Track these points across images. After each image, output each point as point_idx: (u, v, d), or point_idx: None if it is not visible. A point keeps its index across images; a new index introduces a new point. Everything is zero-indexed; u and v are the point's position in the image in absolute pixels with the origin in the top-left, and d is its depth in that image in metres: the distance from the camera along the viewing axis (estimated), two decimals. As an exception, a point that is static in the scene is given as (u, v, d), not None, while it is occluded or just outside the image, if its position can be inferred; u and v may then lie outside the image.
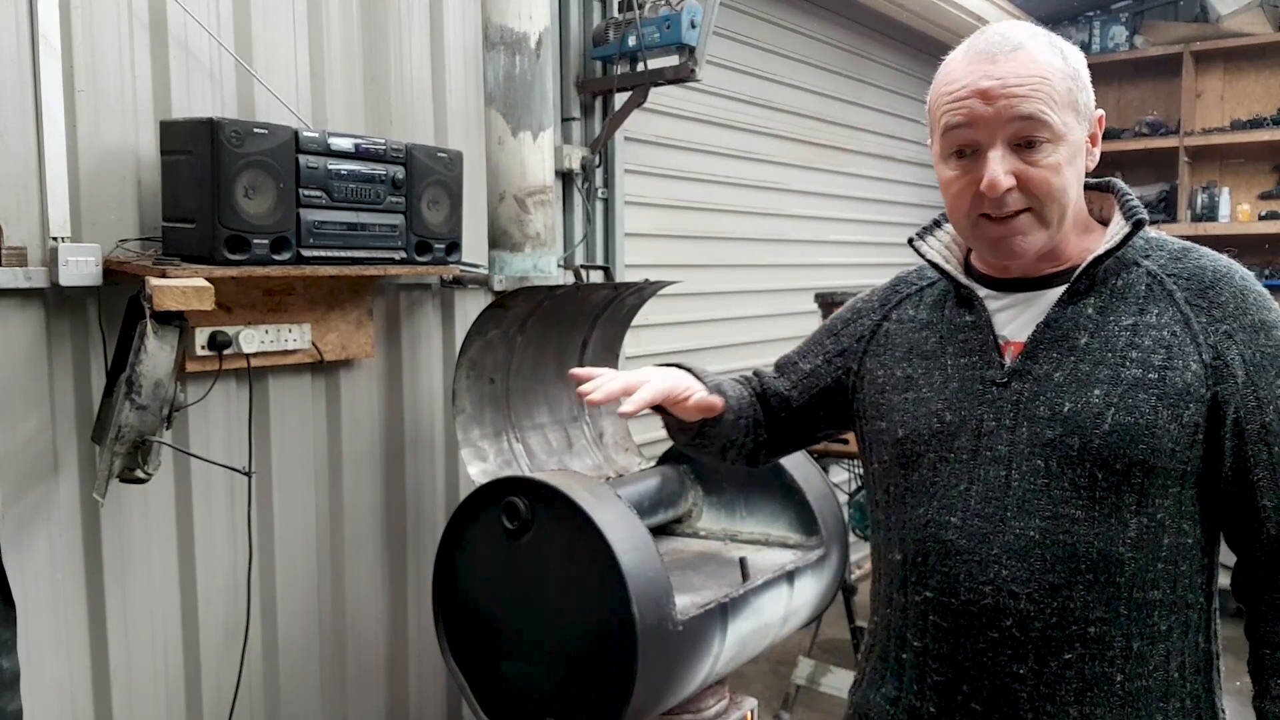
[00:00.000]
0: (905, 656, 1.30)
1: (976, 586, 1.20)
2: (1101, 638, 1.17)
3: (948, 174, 1.23)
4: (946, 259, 1.35)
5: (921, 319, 1.37)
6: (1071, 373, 1.19)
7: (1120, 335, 1.19)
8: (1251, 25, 6.30)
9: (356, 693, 2.78)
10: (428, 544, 2.89)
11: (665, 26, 3.15)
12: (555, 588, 2.20)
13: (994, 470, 1.21)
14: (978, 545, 1.20)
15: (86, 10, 2.12)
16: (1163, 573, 1.17)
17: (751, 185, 4.49)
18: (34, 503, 2.11)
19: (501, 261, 2.72)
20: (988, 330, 1.27)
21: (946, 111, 1.21)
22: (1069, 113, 1.19)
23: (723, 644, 2.32)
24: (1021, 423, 1.20)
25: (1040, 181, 1.17)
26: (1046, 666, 1.18)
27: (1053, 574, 1.17)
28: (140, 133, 2.22)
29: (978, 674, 1.21)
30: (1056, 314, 1.23)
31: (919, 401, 1.30)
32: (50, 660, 2.14)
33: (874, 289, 1.50)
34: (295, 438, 2.59)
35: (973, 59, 1.20)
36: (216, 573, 2.43)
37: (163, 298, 1.88)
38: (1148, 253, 1.24)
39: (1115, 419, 1.15)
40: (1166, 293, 1.20)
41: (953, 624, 1.22)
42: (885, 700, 1.33)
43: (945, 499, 1.24)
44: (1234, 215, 6.55)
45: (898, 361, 1.36)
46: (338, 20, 2.62)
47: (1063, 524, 1.17)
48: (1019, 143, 1.17)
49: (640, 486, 2.72)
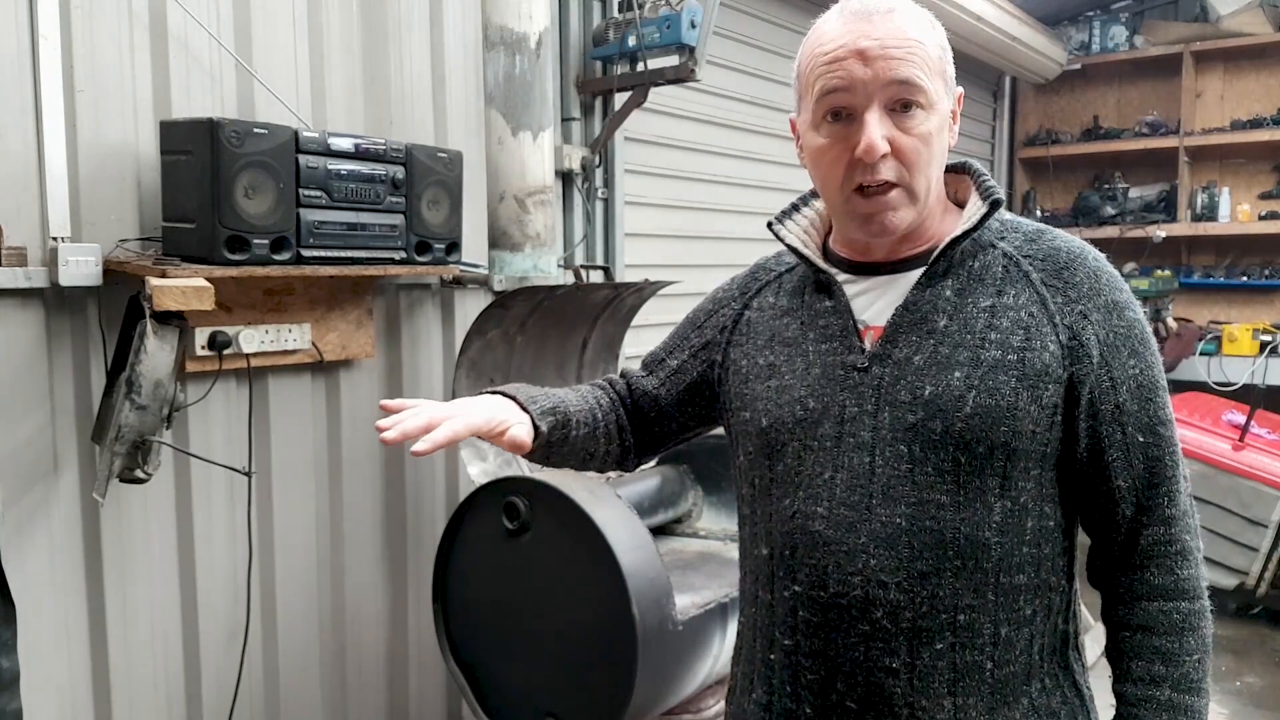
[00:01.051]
0: (774, 657, 1.25)
1: (845, 578, 1.17)
2: (971, 625, 1.15)
3: (819, 142, 1.19)
4: (805, 243, 1.32)
5: (782, 305, 1.34)
6: (931, 355, 1.17)
7: (979, 317, 1.17)
8: (1251, 25, 6.30)
9: (356, 693, 2.78)
10: (428, 544, 2.89)
11: (665, 26, 3.15)
12: (555, 588, 2.20)
13: (858, 457, 1.18)
14: (845, 535, 1.17)
15: (86, 10, 2.12)
16: (1027, 556, 1.17)
17: (752, 185, 4.49)
18: (34, 503, 2.11)
19: (501, 261, 2.72)
20: (847, 315, 1.25)
21: (822, 74, 1.17)
22: (939, 81, 1.18)
23: (722, 644, 2.32)
24: (883, 407, 1.18)
25: (912, 150, 1.15)
26: (919, 658, 1.15)
27: (920, 561, 1.14)
28: (140, 133, 2.22)
29: (850, 670, 1.18)
30: (915, 296, 1.21)
31: (781, 389, 1.26)
32: (50, 660, 2.14)
33: (734, 277, 1.45)
34: (295, 438, 2.59)
35: (848, 19, 1.18)
36: (216, 573, 2.43)
37: (163, 298, 1.88)
38: (1003, 234, 1.23)
39: (976, 401, 1.14)
40: (1023, 274, 1.19)
41: (823, 618, 1.19)
42: (758, 706, 1.28)
43: (811, 488, 1.21)
44: (1234, 215, 6.55)
45: (759, 350, 1.32)
46: (338, 20, 2.62)
47: (929, 510, 1.15)
48: (893, 107, 1.15)
49: (640, 486, 2.72)
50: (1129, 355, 1.17)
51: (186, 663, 2.39)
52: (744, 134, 4.41)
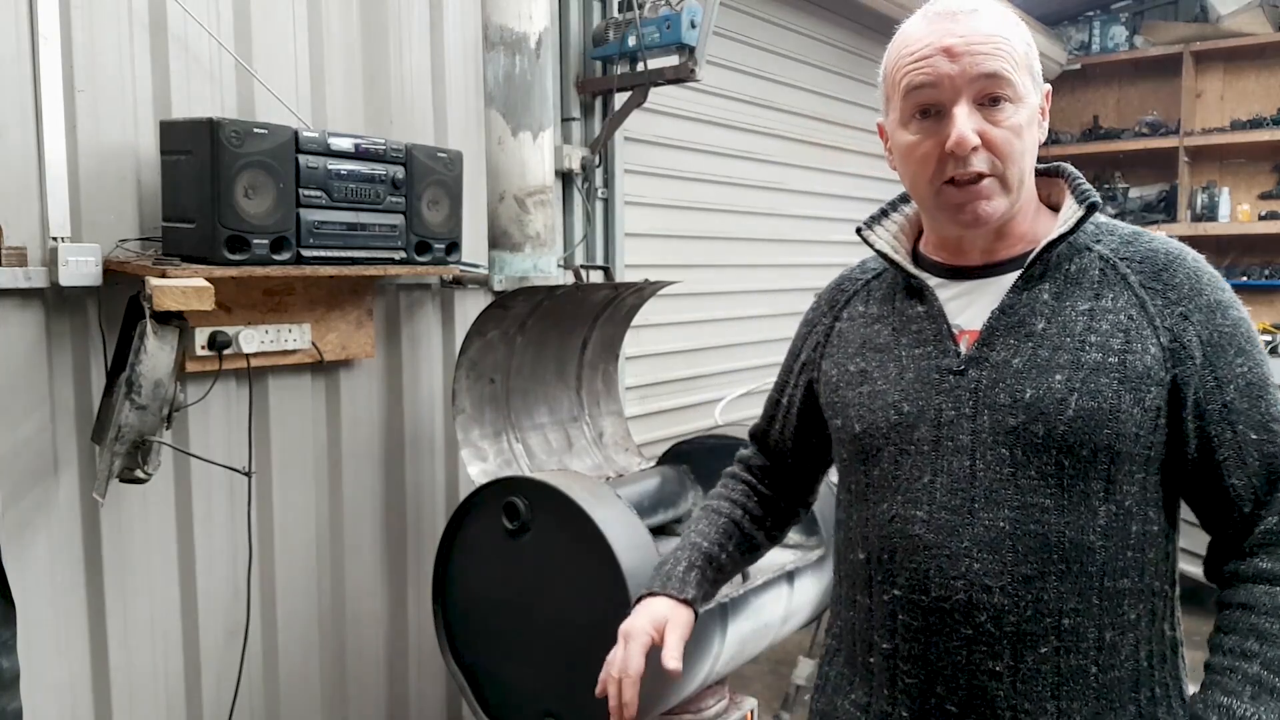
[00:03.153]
0: (873, 660, 1.26)
1: (948, 582, 1.16)
2: (1075, 629, 1.15)
3: (909, 139, 1.21)
4: (895, 249, 1.32)
5: (872, 313, 1.34)
6: (1030, 358, 1.17)
7: (1078, 320, 1.17)
8: (1251, 25, 6.30)
9: (356, 693, 2.78)
10: (428, 544, 2.89)
11: (665, 26, 3.15)
12: (555, 588, 2.20)
13: (957, 460, 1.18)
14: (947, 539, 1.17)
15: (86, 10, 2.12)
16: (1132, 561, 1.16)
17: (751, 185, 4.49)
18: (34, 503, 2.11)
19: (501, 261, 2.72)
20: (941, 319, 1.24)
21: (909, 72, 1.19)
22: (1027, 75, 1.19)
23: (723, 644, 2.32)
24: (982, 411, 1.18)
25: (1004, 141, 1.16)
26: (1023, 662, 1.15)
27: (1025, 565, 1.14)
28: (140, 133, 2.22)
29: (952, 674, 1.18)
30: (1011, 300, 1.21)
31: (874, 395, 1.26)
32: (50, 660, 2.14)
33: (819, 295, 1.47)
34: (295, 438, 2.59)
35: (933, 19, 1.19)
36: (216, 573, 2.43)
37: (163, 298, 1.88)
38: (1098, 238, 1.23)
39: (1079, 404, 1.13)
40: (1120, 276, 1.19)
41: (924, 622, 1.19)
42: (855, 706, 1.29)
43: (909, 492, 1.21)
44: (1234, 215, 6.55)
45: (850, 357, 1.33)
46: (338, 20, 2.62)
47: (1032, 514, 1.14)
48: (982, 101, 1.16)
49: (640, 486, 2.72)
50: (1235, 354, 1.16)
51: (186, 663, 2.39)
52: (744, 134, 4.41)
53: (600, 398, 3.04)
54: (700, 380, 4.25)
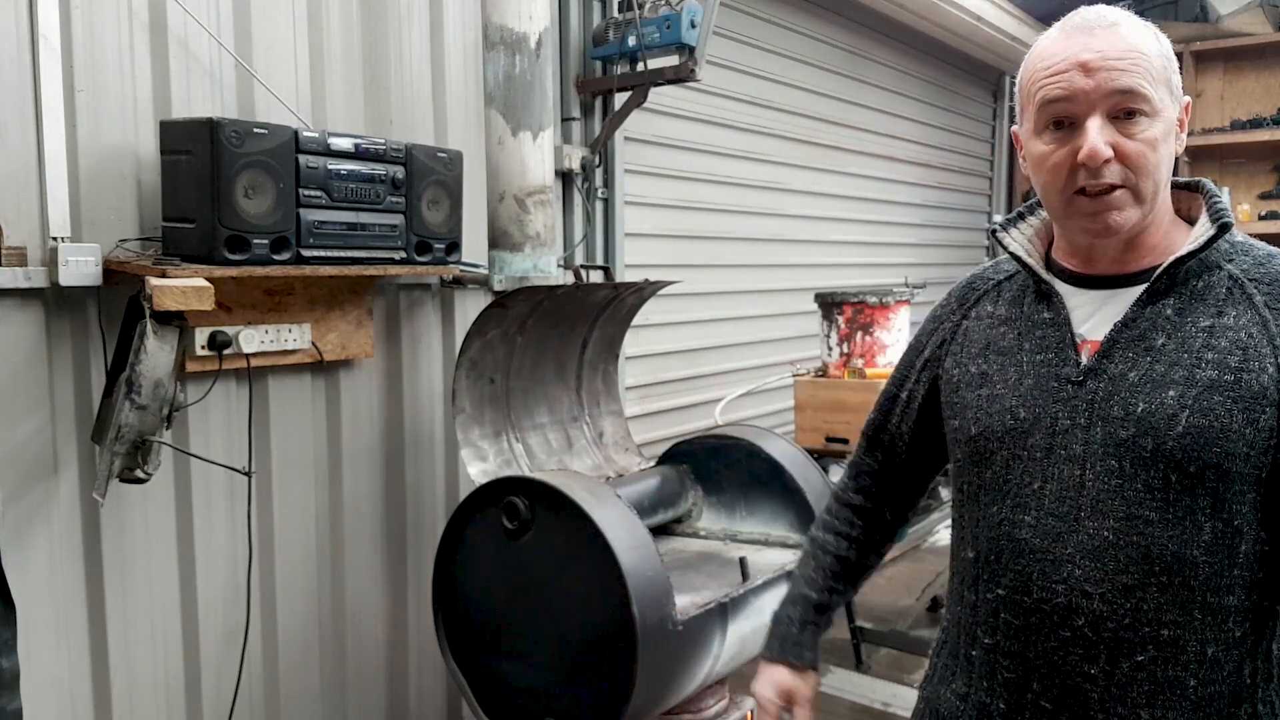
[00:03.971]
0: (975, 654, 1.30)
1: (1049, 585, 1.20)
2: (1175, 641, 1.16)
3: (1042, 148, 1.22)
4: (1029, 252, 1.34)
5: (1000, 315, 1.36)
6: (1146, 373, 1.18)
7: (1197, 336, 1.18)
8: (1251, 25, 6.30)
9: (356, 693, 2.78)
10: (428, 544, 2.89)
11: (665, 26, 3.15)
12: (555, 588, 2.20)
13: (1068, 469, 1.21)
14: (1051, 544, 1.21)
15: (86, 10, 2.12)
16: (1239, 578, 1.16)
17: (751, 185, 4.49)
18: (34, 503, 2.11)
19: (501, 261, 2.72)
20: (1065, 327, 1.26)
21: (1044, 85, 1.20)
22: (1164, 89, 1.19)
23: (723, 644, 2.32)
24: (1096, 422, 1.20)
25: (1137, 155, 1.17)
26: (1118, 668, 1.18)
27: (1126, 575, 1.16)
28: (140, 133, 2.22)
29: (1048, 672, 1.22)
30: (1135, 313, 1.22)
31: (992, 398, 1.29)
32: (50, 660, 2.14)
33: (950, 292, 1.48)
34: (295, 438, 2.59)
35: (1070, 33, 1.20)
36: (216, 573, 2.43)
37: (163, 298, 1.88)
38: (1231, 256, 1.22)
39: (1189, 421, 1.14)
40: (1246, 296, 1.18)
41: (1024, 622, 1.23)
42: (955, 696, 1.34)
43: (1019, 497, 1.24)
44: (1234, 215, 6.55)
45: (973, 358, 1.35)
46: (338, 20, 2.62)
47: (1136, 525, 1.16)
48: (1117, 115, 1.17)
49: (640, 486, 2.72)
50: None
51: (186, 662, 2.39)
52: (744, 134, 4.41)
53: (600, 398, 3.04)
54: (700, 380, 4.25)
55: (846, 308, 3.63)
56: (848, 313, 3.63)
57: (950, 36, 5.68)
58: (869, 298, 3.60)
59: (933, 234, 5.99)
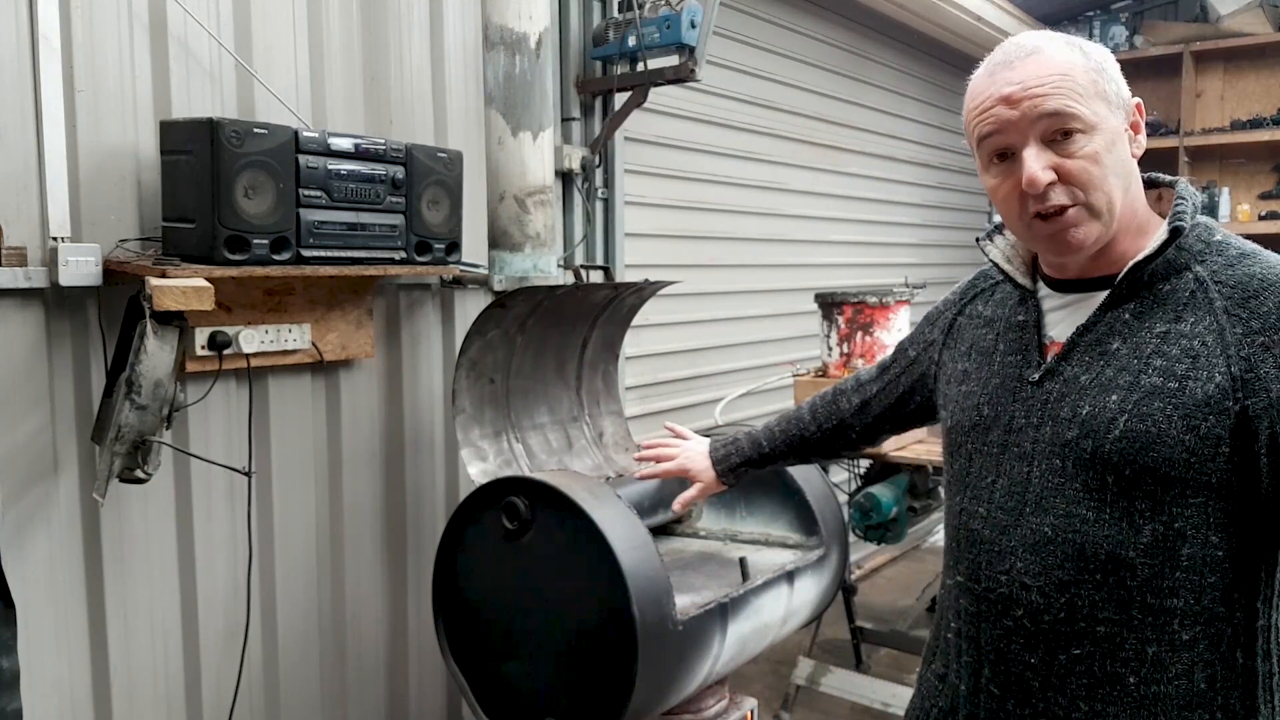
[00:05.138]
0: (950, 636, 1.39)
1: (995, 575, 1.27)
2: (1112, 638, 1.19)
3: (991, 182, 1.26)
4: (1010, 259, 1.38)
5: (985, 315, 1.43)
6: (1097, 377, 1.21)
7: (1150, 342, 1.19)
8: (1251, 25, 6.30)
9: (356, 693, 2.78)
10: (428, 544, 2.89)
11: (665, 26, 3.15)
12: (555, 588, 2.20)
13: (1018, 466, 1.27)
14: (998, 536, 1.27)
15: (86, 10, 2.12)
16: (1183, 581, 1.16)
17: (752, 185, 4.49)
18: (34, 503, 2.11)
19: (501, 261, 2.72)
20: (1035, 330, 1.32)
21: (977, 123, 1.24)
22: (1098, 102, 1.20)
23: (723, 644, 2.32)
24: (1046, 421, 1.25)
25: (1080, 171, 1.18)
26: (1056, 659, 1.22)
27: (1062, 570, 1.21)
28: (140, 133, 2.22)
29: (996, 659, 1.28)
30: (1096, 317, 1.24)
31: (967, 395, 1.37)
32: (50, 660, 2.14)
33: (961, 281, 1.56)
34: (295, 438, 2.59)
35: (992, 70, 1.24)
36: (216, 573, 2.43)
37: (163, 298, 1.88)
38: (1204, 257, 1.21)
39: (1126, 425, 1.16)
40: (1208, 300, 1.17)
41: (976, 609, 1.30)
42: (934, 676, 1.43)
43: (976, 489, 1.32)
44: (1234, 215, 6.55)
45: (960, 355, 1.43)
46: (338, 20, 2.62)
47: (1074, 523, 1.20)
48: (1052, 138, 1.19)
49: (640, 486, 2.72)
50: None
51: (186, 663, 2.39)
52: (744, 134, 4.41)
53: (600, 397, 3.04)
54: (700, 380, 4.25)
55: (846, 308, 3.63)
56: (848, 313, 3.63)
57: (950, 36, 5.68)
58: (869, 298, 3.60)
59: (933, 234, 5.98)
